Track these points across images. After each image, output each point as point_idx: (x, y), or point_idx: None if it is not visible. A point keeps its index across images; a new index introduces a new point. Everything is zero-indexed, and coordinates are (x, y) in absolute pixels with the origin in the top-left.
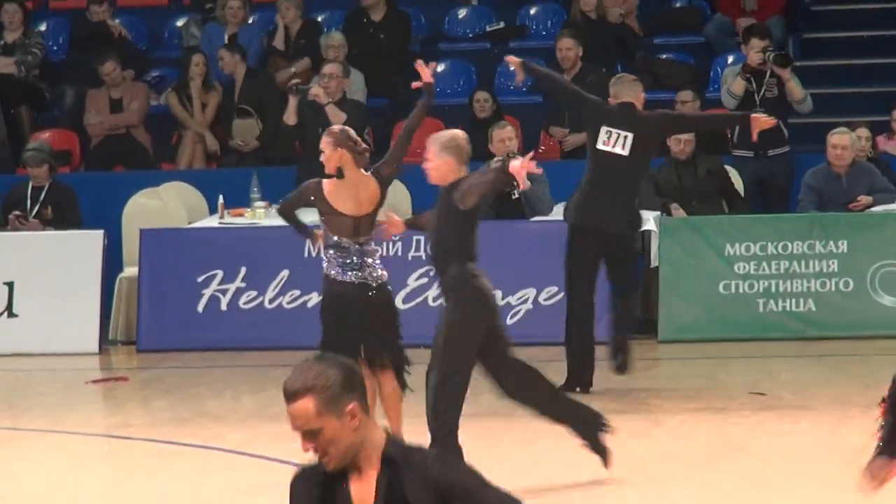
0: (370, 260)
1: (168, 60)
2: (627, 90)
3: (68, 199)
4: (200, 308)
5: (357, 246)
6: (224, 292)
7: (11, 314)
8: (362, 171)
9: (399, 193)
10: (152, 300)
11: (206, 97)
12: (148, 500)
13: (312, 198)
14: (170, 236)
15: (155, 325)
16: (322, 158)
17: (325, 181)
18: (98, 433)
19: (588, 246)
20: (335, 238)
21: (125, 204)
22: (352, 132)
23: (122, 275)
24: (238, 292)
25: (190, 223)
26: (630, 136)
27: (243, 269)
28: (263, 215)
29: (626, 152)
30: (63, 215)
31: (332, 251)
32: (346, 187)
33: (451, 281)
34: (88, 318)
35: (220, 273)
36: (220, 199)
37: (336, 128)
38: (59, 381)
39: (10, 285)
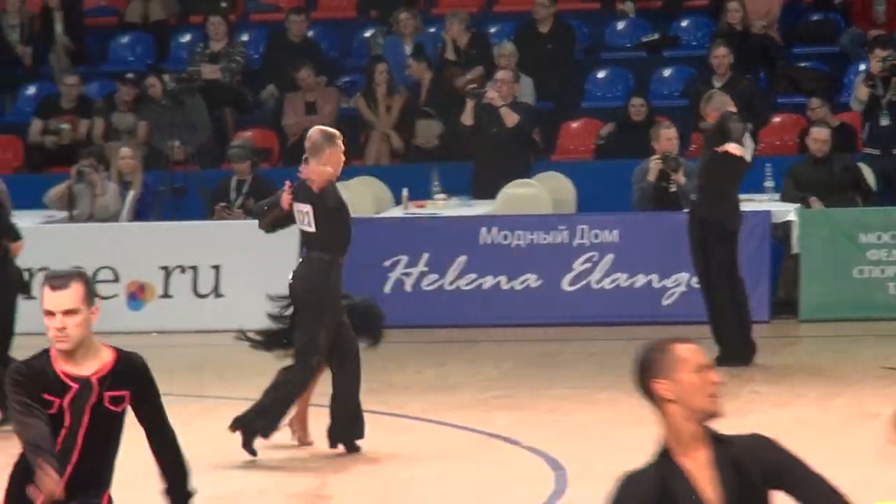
0: None
1: (356, 68)
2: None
3: (268, 192)
4: (387, 289)
5: None
6: (408, 275)
7: (219, 294)
8: None
9: (563, 185)
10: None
11: (390, 101)
12: (341, 458)
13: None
14: (359, 225)
15: None
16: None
17: None
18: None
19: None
20: None
21: None
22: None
23: None
24: (421, 276)
25: (377, 213)
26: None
27: (425, 255)
28: (443, 206)
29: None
30: None
31: None
32: None
33: None
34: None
35: (404, 258)
36: (405, 192)
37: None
38: (262, 355)
39: (218, 268)
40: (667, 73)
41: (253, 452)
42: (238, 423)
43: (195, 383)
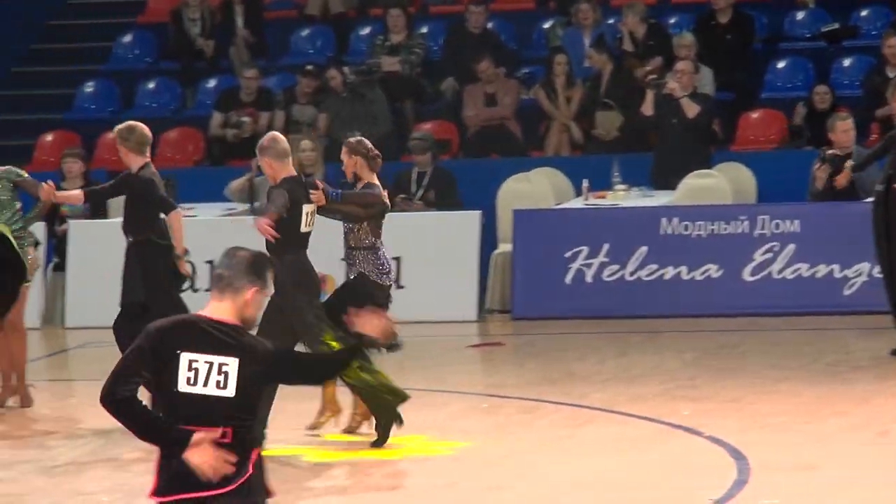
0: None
1: (536, 59)
2: None
3: (448, 183)
4: (568, 280)
5: None
6: (589, 266)
7: (399, 286)
8: (375, 177)
9: (743, 176)
10: (525, 273)
11: (569, 92)
12: (522, 448)
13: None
14: (540, 216)
15: (527, 295)
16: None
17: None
18: (477, 392)
19: None
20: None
21: (499, 187)
22: (366, 142)
23: (497, 251)
24: (601, 266)
25: (557, 204)
26: None
27: (606, 246)
28: (623, 197)
29: None
30: (444, 197)
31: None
32: None
33: None
34: (467, 290)
35: (585, 249)
36: (585, 183)
37: (353, 139)
38: (441, 346)
39: (398, 260)
40: (847, 62)
41: None
42: None
43: None
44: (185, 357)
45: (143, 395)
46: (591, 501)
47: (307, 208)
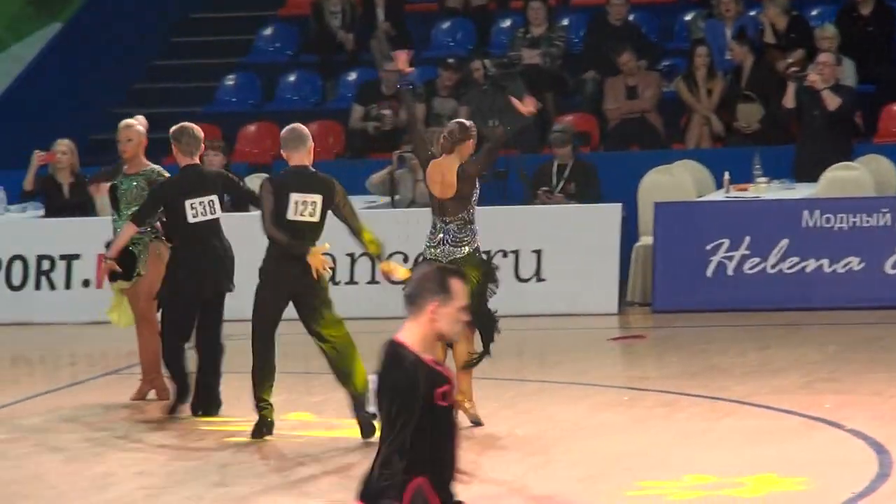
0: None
1: (677, 51)
2: None
3: (589, 176)
4: (709, 273)
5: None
6: (730, 259)
7: (540, 279)
8: (454, 157)
9: (885, 168)
10: (666, 266)
11: (710, 84)
12: (662, 441)
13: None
14: (681, 209)
15: (668, 288)
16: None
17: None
18: (618, 385)
19: None
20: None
21: (640, 180)
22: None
23: (638, 243)
24: (743, 259)
25: (698, 197)
26: None
27: (747, 238)
28: (765, 190)
29: None
30: (584, 190)
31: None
32: (435, 171)
33: None
34: (608, 282)
35: (726, 241)
36: (726, 176)
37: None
38: (582, 339)
39: (539, 253)
40: None
41: None
42: None
43: (516, 368)
44: None
45: None
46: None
47: (295, 197)
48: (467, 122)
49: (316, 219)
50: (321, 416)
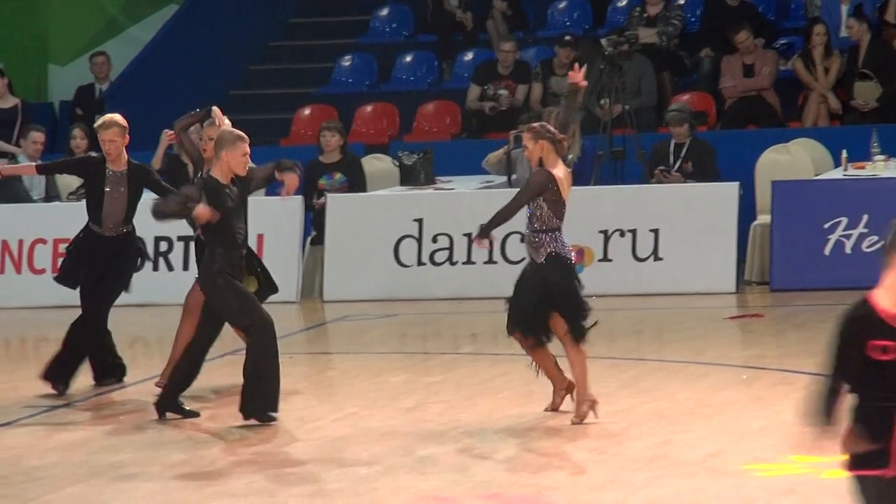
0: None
1: (794, 29)
2: None
3: (707, 155)
4: (827, 251)
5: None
6: (848, 237)
7: (657, 258)
8: (560, 161)
9: None
10: (783, 244)
11: (827, 62)
12: (780, 420)
13: (549, 185)
14: (798, 187)
15: (786, 266)
16: (525, 153)
17: (553, 171)
18: (736, 364)
19: None
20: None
21: (757, 158)
22: (551, 126)
23: (755, 222)
24: (861, 237)
25: (816, 175)
26: None
27: (865, 216)
28: (883, 168)
29: None
30: (702, 169)
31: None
32: (565, 178)
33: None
34: (726, 261)
35: (844, 220)
36: (843, 154)
37: (535, 124)
38: (699, 318)
39: (656, 232)
40: None
41: None
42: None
43: (634, 347)
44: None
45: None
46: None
47: None
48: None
49: None
50: (439, 396)
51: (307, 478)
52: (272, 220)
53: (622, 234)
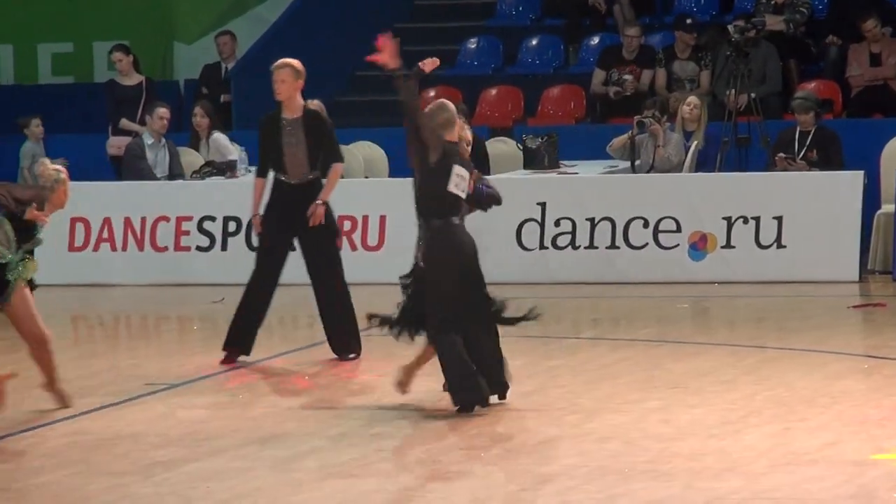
0: None
1: None
2: None
3: (832, 143)
4: None
5: None
6: None
7: (780, 245)
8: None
9: None
10: None
11: None
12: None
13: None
14: None
15: None
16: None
17: None
18: (857, 353)
19: None
20: None
21: (883, 147)
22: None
23: (879, 211)
24: None
25: None
26: None
27: None
28: None
29: None
30: (827, 157)
31: None
32: None
33: None
34: (849, 250)
35: None
36: None
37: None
38: (821, 306)
39: (780, 220)
40: None
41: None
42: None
43: (755, 335)
44: None
45: None
46: None
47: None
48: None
49: None
50: (558, 380)
51: (427, 459)
52: (395, 202)
53: (745, 221)
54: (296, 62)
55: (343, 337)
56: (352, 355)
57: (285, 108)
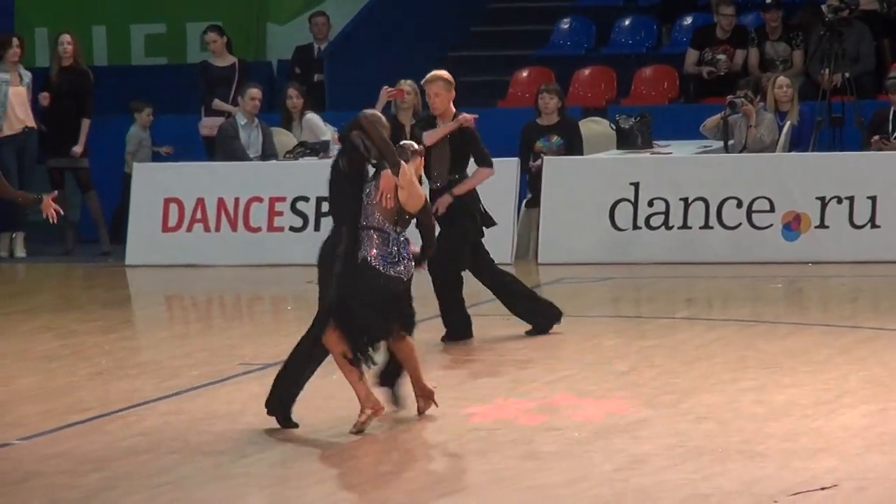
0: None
1: None
2: None
3: None
4: None
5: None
6: None
7: (875, 225)
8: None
9: None
10: None
11: None
12: None
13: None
14: None
15: None
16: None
17: None
18: None
19: None
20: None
21: None
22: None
23: None
24: None
25: None
26: None
27: None
28: None
29: None
30: None
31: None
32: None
33: None
34: None
35: None
36: None
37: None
38: None
39: (874, 199)
40: None
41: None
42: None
43: (850, 315)
44: None
45: None
46: None
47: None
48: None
49: None
50: (653, 360)
51: (520, 440)
52: (488, 182)
53: (839, 201)
54: (445, 73)
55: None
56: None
57: (440, 120)
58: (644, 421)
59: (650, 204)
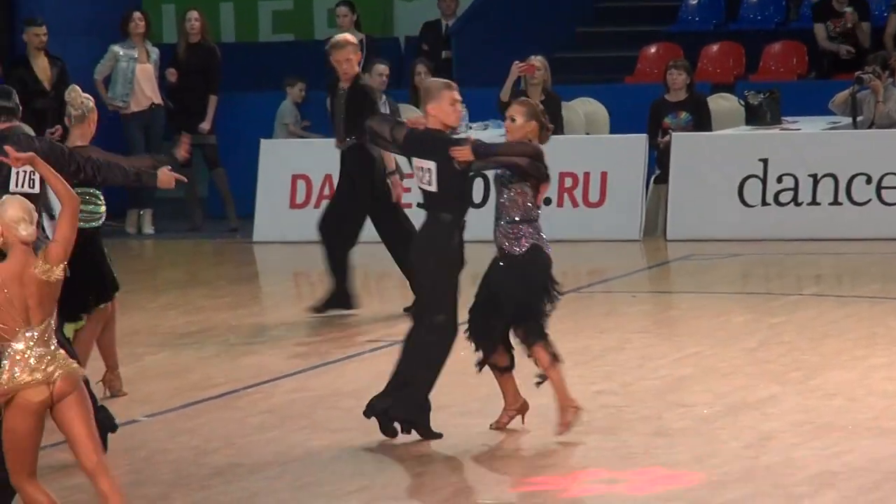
0: None
1: None
2: None
3: None
4: None
5: None
6: None
7: None
8: None
9: None
10: None
11: None
12: None
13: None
14: None
15: None
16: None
17: None
18: None
19: None
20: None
21: None
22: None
23: None
24: None
25: None
26: None
27: None
28: None
29: None
30: None
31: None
32: None
33: None
34: None
35: None
36: None
37: (528, 101)
38: None
39: None
40: None
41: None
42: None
43: None
44: None
45: None
46: None
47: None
48: None
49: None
50: (782, 337)
51: (649, 417)
52: (616, 159)
53: None
54: (352, 37)
55: None
56: None
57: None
58: (772, 398)
59: (779, 180)
